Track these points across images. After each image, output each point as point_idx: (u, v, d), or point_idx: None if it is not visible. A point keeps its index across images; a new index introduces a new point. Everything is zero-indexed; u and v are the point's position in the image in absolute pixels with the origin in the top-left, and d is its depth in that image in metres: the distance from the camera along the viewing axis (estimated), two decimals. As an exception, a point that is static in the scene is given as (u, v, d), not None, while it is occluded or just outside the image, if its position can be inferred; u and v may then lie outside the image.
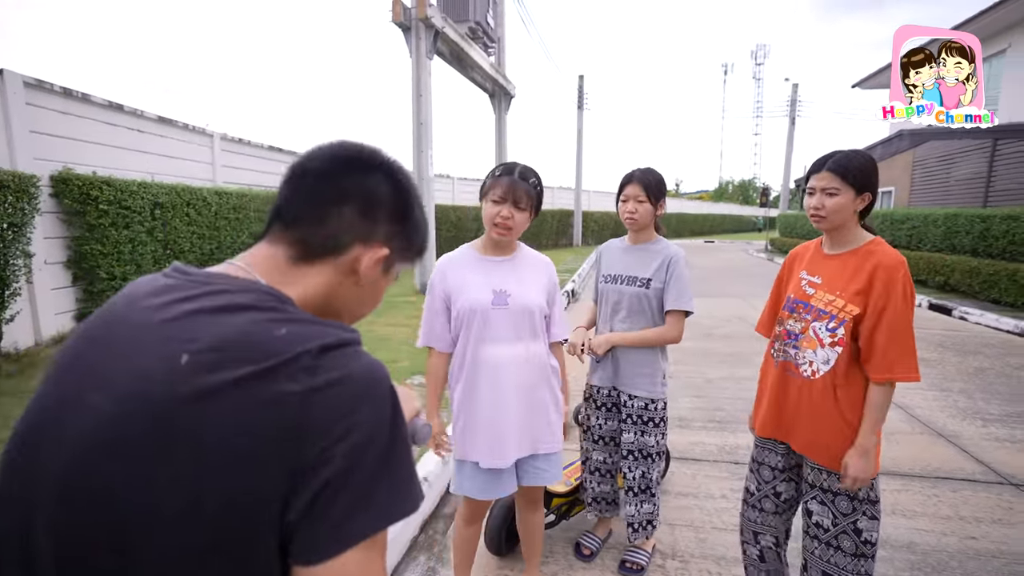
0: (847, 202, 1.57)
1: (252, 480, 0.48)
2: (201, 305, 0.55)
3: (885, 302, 1.50)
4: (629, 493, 2.23)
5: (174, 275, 0.61)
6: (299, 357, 0.52)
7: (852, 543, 1.58)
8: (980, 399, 4.40)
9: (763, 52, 69.06)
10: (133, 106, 6.57)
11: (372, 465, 0.52)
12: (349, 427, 0.51)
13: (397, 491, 0.53)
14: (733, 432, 3.71)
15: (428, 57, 8.87)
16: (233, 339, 0.52)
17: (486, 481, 1.76)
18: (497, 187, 1.67)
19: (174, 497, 0.47)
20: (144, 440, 0.48)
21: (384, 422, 0.54)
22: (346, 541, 0.50)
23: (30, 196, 4.58)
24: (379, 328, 6.34)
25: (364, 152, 0.68)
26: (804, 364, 1.64)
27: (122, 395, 0.50)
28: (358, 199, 0.66)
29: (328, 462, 0.49)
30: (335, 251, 0.66)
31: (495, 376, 1.71)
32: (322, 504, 0.49)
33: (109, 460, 0.48)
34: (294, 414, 0.49)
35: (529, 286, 1.77)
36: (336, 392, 0.52)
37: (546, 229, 21.32)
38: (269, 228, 0.68)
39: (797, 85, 30.37)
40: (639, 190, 2.12)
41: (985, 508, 2.76)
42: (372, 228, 0.67)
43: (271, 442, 0.48)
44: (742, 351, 5.89)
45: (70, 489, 0.49)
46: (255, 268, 0.64)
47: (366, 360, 0.57)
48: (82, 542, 0.49)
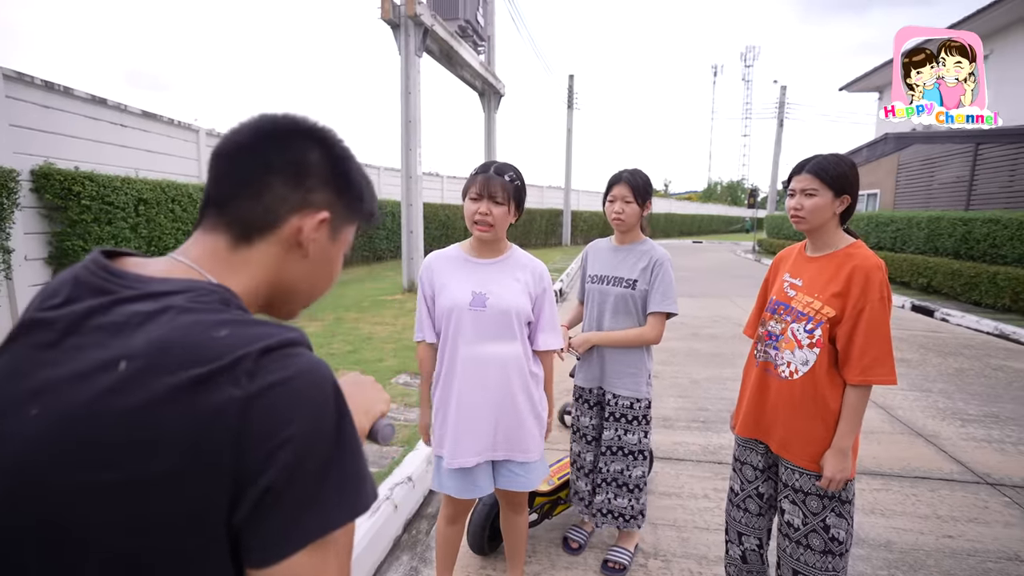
0: (825, 203, 1.59)
1: (197, 486, 0.47)
2: (137, 309, 0.53)
3: (863, 305, 1.52)
4: (602, 484, 2.25)
5: (102, 274, 0.57)
6: (240, 360, 0.50)
7: (821, 540, 1.60)
8: (960, 399, 4.47)
9: (752, 54, 69.54)
10: (117, 100, 6.48)
11: (316, 467, 0.51)
12: (291, 431, 0.50)
13: (344, 492, 0.53)
14: (717, 432, 3.74)
15: (417, 55, 8.83)
16: (172, 343, 0.50)
17: (461, 480, 1.76)
18: (473, 185, 1.68)
19: (119, 506, 0.47)
20: (87, 448, 0.47)
21: (327, 423, 0.53)
22: (294, 543, 0.49)
23: (9, 191, 4.50)
24: (364, 327, 6.30)
25: (287, 120, 0.66)
26: (783, 365, 1.66)
27: (62, 405, 0.49)
28: (286, 168, 0.64)
29: (270, 466, 0.48)
30: (272, 225, 0.64)
31: (467, 376, 1.72)
32: (267, 508, 0.48)
33: (49, 469, 0.47)
34: (236, 419, 0.48)
35: (511, 289, 1.75)
36: (277, 395, 0.50)
37: (535, 228, 21.36)
38: (203, 215, 0.65)
39: (785, 87, 30.74)
40: (626, 191, 2.13)
41: (962, 507, 2.80)
42: (306, 196, 0.65)
43: (214, 447, 0.48)
44: (727, 351, 5.94)
45: (8, 497, 0.48)
46: (199, 262, 0.62)
47: (308, 360, 0.55)
48: (20, 550, 0.48)
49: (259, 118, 0.66)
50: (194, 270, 0.61)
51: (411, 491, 2.64)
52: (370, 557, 2.20)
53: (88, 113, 6.10)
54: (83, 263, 0.59)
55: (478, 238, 1.75)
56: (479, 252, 1.78)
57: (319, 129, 0.68)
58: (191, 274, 0.60)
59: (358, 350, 5.28)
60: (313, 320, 6.60)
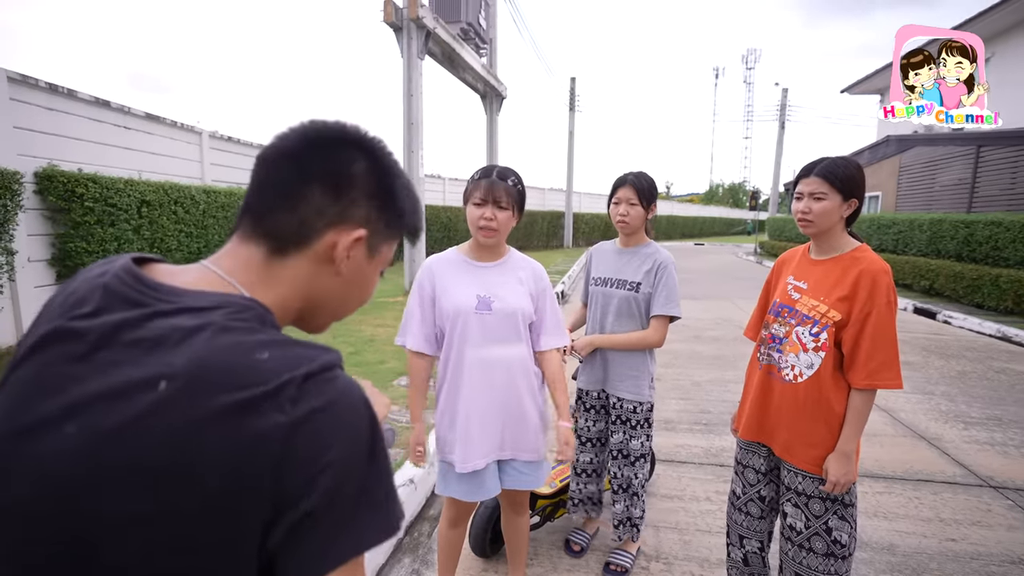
0: (834, 207, 1.59)
1: (235, 509, 0.47)
2: (175, 324, 0.52)
3: (869, 309, 1.51)
4: (619, 491, 2.25)
5: (135, 285, 0.55)
6: (285, 387, 0.49)
7: (824, 543, 1.60)
8: (962, 402, 4.46)
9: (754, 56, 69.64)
10: (120, 102, 6.50)
11: (352, 492, 0.51)
12: (332, 455, 0.50)
13: (376, 515, 0.53)
14: (719, 435, 3.73)
15: (419, 57, 8.85)
16: (214, 365, 0.49)
17: (469, 483, 1.76)
18: (477, 190, 1.68)
19: (155, 528, 0.46)
20: (125, 470, 0.46)
21: (363, 445, 0.53)
22: (331, 562, 0.50)
23: (13, 193, 4.51)
24: (366, 329, 6.31)
25: (334, 128, 0.63)
26: (786, 368, 1.66)
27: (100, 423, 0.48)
28: (326, 178, 0.61)
29: (312, 491, 0.48)
30: (306, 239, 0.61)
31: (474, 380, 1.72)
32: (303, 533, 0.49)
33: (87, 489, 0.46)
34: (280, 444, 0.48)
35: (516, 291, 1.77)
36: (320, 421, 0.50)
37: (537, 231, 21.35)
38: (240, 223, 0.63)
39: (787, 90, 30.73)
40: (631, 193, 2.14)
41: (964, 510, 2.80)
42: (345, 209, 0.62)
43: (256, 472, 0.47)
44: (729, 354, 5.94)
45: (44, 515, 0.47)
46: (233, 274, 0.60)
47: (345, 383, 0.55)
48: (53, 570, 0.47)
49: (307, 124, 0.63)
50: (227, 282, 0.59)
51: (413, 493, 2.64)
52: (372, 560, 2.20)
53: (92, 115, 6.12)
54: (114, 270, 0.57)
55: (480, 242, 1.75)
56: (480, 256, 1.79)
57: (368, 139, 0.64)
58: (224, 286, 0.59)
59: (359, 352, 5.28)
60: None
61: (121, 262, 0.58)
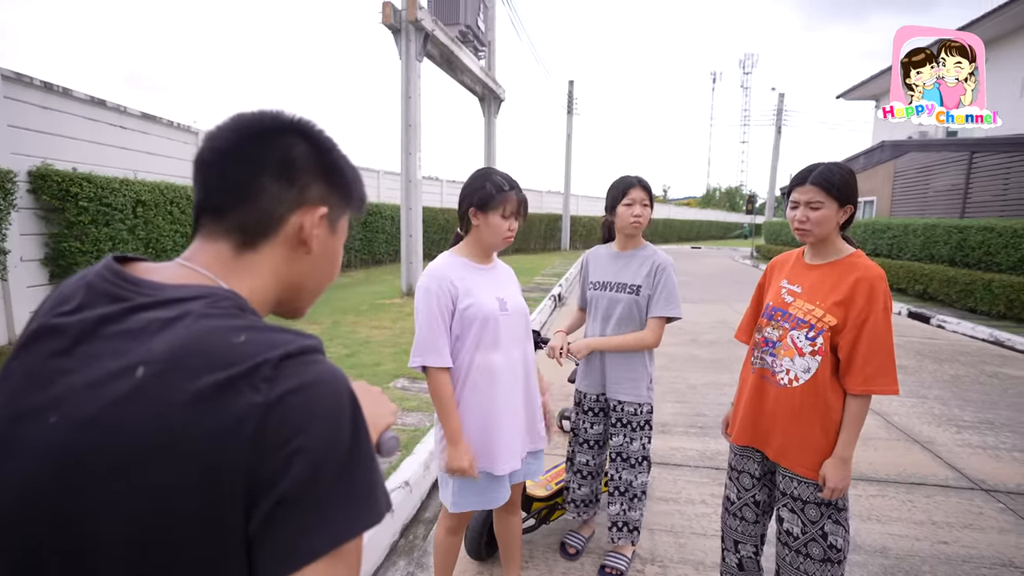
0: (831, 215, 1.58)
1: (215, 492, 0.47)
2: (155, 316, 0.52)
3: (867, 315, 1.51)
4: (615, 493, 2.25)
5: (116, 281, 0.56)
6: (260, 366, 0.50)
7: (820, 549, 1.60)
8: (955, 406, 4.49)
9: (751, 61, 69.87)
10: (116, 102, 6.48)
11: (330, 478, 0.50)
12: (307, 439, 0.49)
13: (357, 503, 0.52)
14: (715, 438, 3.74)
15: (418, 60, 8.85)
16: (191, 349, 0.50)
17: (494, 489, 1.76)
18: (508, 203, 1.69)
19: (139, 511, 0.46)
20: (107, 455, 0.47)
21: (343, 432, 0.52)
22: (307, 554, 0.48)
23: (6, 192, 4.49)
24: (362, 330, 6.29)
25: (266, 117, 0.63)
26: (781, 372, 1.66)
27: (80, 412, 0.48)
28: (275, 166, 0.62)
29: (285, 475, 0.48)
30: (274, 228, 0.63)
31: (504, 380, 1.72)
32: (276, 521, 0.48)
33: (71, 476, 0.47)
34: (255, 425, 0.48)
35: (515, 290, 1.84)
36: (295, 401, 0.50)
37: (534, 233, 21.37)
38: (199, 223, 0.64)
39: (783, 95, 30.86)
40: (644, 195, 2.14)
41: (957, 513, 2.81)
42: (302, 192, 0.64)
43: (233, 453, 0.47)
44: (725, 357, 5.95)
45: (30, 504, 0.48)
46: (209, 268, 0.61)
47: (326, 368, 0.54)
48: (41, 557, 0.48)
49: (236, 119, 0.63)
50: (206, 276, 0.60)
51: (408, 496, 2.63)
52: (367, 562, 2.19)
53: (87, 114, 6.09)
54: (96, 269, 0.58)
55: (486, 248, 1.76)
56: (480, 258, 1.79)
57: (299, 122, 0.65)
58: (203, 280, 0.60)
59: (355, 353, 5.27)
60: (311, 323, 6.58)
61: (104, 261, 0.59)
